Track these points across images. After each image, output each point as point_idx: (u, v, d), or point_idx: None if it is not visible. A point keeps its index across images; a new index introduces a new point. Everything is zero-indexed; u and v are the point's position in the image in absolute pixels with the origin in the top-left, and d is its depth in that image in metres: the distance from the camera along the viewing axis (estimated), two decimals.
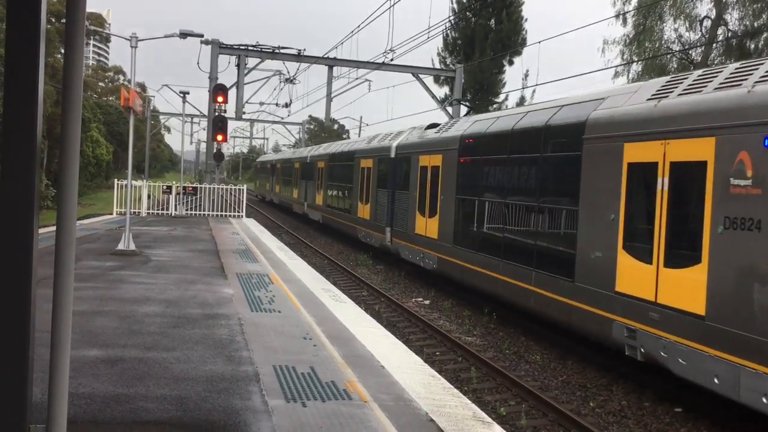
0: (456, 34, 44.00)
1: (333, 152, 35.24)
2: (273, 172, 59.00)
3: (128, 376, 7.43)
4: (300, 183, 44.09)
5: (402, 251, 22.79)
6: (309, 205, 40.44)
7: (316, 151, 41.57)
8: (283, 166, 53.30)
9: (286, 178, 51.04)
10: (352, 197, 29.66)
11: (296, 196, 45.06)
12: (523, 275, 14.32)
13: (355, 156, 29.35)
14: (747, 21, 30.49)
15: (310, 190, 40.21)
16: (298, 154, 48.99)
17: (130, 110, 17.66)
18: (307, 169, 41.63)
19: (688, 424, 10.09)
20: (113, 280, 13.42)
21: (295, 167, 46.78)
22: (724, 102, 9.46)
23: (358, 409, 6.74)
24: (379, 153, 25.91)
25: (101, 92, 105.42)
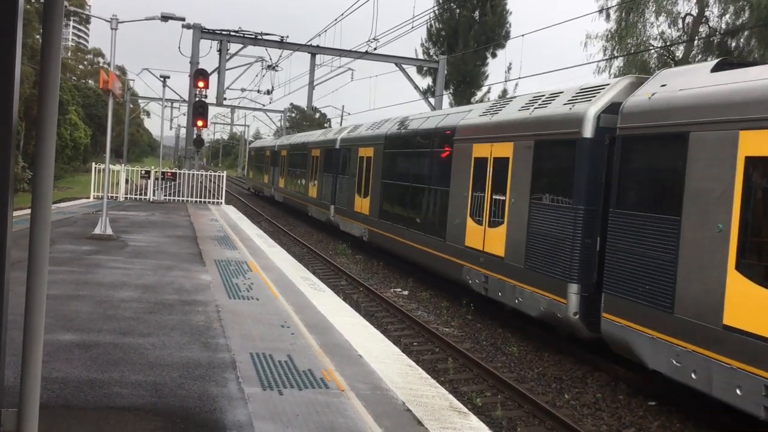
0: (440, 25, 43.94)
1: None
2: (275, 161, 46.84)
3: (103, 361, 7.35)
4: (319, 176, 32.69)
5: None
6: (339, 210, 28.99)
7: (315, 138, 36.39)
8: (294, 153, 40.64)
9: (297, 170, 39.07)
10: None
11: (315, 194, 32.84)
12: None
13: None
14: (728, 18, 30.73)
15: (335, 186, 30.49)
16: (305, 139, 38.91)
17: (109, 93, 17.45)
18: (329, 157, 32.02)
19: (661, 417, 10.20)
20: (89, 265, 13.28)
21: (312, 155, 34.79)
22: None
23: (334, 397, 6.72)
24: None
25: (80, 74, 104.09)
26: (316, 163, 32.84)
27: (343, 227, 27.51)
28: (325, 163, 30.70)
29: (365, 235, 24.31)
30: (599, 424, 9.98)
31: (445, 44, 43.07)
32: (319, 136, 34.96)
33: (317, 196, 31.80)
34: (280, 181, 43.82)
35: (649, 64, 30.95)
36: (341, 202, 27.61)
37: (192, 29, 32.32)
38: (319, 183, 31.73)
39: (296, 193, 37.60)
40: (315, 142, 34.22)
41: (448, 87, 42.60)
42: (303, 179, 35.91)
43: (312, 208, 33.23)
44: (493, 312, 15.91)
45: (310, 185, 34.02)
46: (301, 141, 38.87)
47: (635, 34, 31.32)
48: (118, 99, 20.00)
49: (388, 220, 22.01)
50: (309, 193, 33.86)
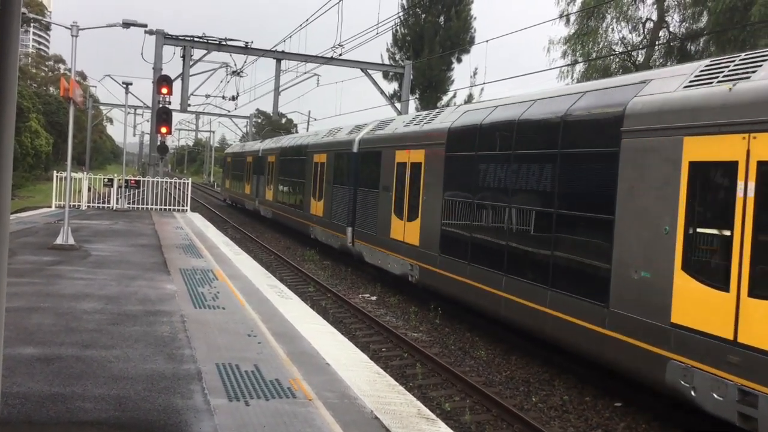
0: (405, 31, 44.10)
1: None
2: (263, 169, 38.67)
3: (65, 375, 7.21)
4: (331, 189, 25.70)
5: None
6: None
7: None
8: (286, 159, 33.39)
9: (290, 179, 32.39)
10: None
11: (320, 212, 26.43)
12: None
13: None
14: (687, 23, 31.32)
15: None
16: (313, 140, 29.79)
17: (70, 101, 17.16)
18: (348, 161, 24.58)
19: (627, 418, 10.31)
20: (51, 276, 13.03)
21: (315, 162, 27.80)
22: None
23: (302, 407, 6.67)
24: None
25: (41, 81, 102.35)
26: (320, 172, 26.54)
27: (370, 258, 20.69)
28: (335, 172, 24.68)
29: (413, 274, 17.31)
30: (566, 426, 10.06)
31: (411, 49, 43.24)
32: (323, 137, 27.81)
33: (324, 215, 25.58)
34: (267, 192, 36.99)
35: (611, 68, 31.41)
36: (367, 225, 20.86)
37: (155, 35, 31.97)
38: (327, 197, 25.41)
39: (292, 209, 30.88)
40: (318, 144, 27.52)
41: (414, 92, 42.78)
42: (301, 192, 29.43)
43: (317, 229, 26.59)
44: (462, 316, 15.97)
45: (312, 200, 27.49)
46: (296, 144, 31.93)
47: (596, 39, 31.76)
48: (80, 106, 19.68)
49: (460, 257, 15.01)
50: (311, 209, 27.36)
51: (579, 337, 11.00)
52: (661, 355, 9.19)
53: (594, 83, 13.19)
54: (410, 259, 17.51)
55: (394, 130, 19.83)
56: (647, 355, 9.44)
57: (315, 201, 27.11)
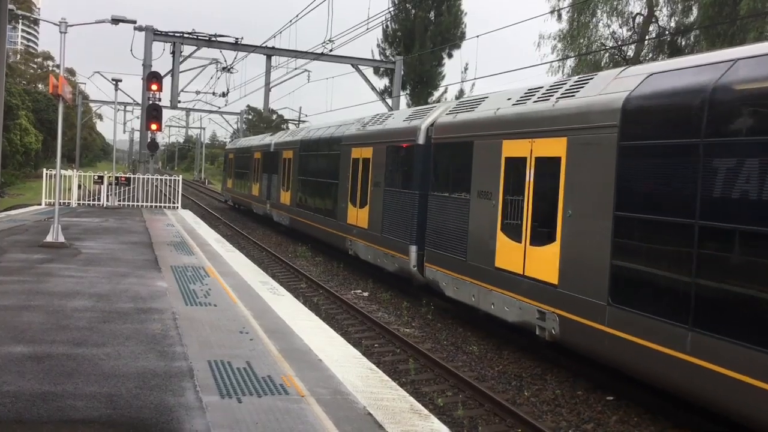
0: (396, 26, 44.02)
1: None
2: (275, 167, 33.32)
3: (56, 373, 7.18)
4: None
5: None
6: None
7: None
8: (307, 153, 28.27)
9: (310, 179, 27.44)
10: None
11: (367, 223, 20.65)
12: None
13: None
14: (677, 18, 31.40)
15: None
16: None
17: (59, 98, 17.06)
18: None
19: (619, 411, 10.35)
20: (41, 274, 12.96)
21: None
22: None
23: (294, 404, 6.66)
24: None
25: (30, 78, 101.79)
26: (362, 170, 20.99)
27: (454, 292, 15.03)
28: (388, 171, 19.13)
29: (546, 326, 11.65)
30: (559, 420, 10.09)
31: (402, 45, 43.16)
32: (366, 125, 21.86)
33: (371, 227, 19.96)
34: (282, 195, 31.47)
35: (601, 63, 31.48)
36: (448, 245, 15.29)
37: (144, 31, 31.82)
38: (374, 204, 19.83)
39: (319, 216, 25.31)
40: (359, 135, 21.76)
41: (405, 87, 42.71)
42: (332, 195, 23.98)
43: (358, 244, 20.98)
44: (454, 312, 16.00)
45: (350, 206, 21.81)
46: (323, 136, 25.99)
47: (587, 34, 31.82)
48: (69, 103, 19.58)
49: (666, 314, 9.33)
50: (349, 218, 21.76)
51: None
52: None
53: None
54: (540, 303, 11.82)
55: (495, 111, 13.90)
56: None
57: (354, 208, 21.41)
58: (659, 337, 9.09)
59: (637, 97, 10.10)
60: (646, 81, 10.26)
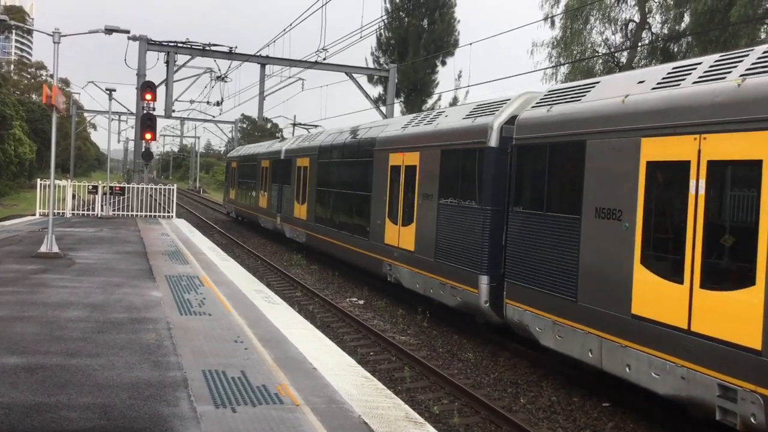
0: (389, 34, 44.15)
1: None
2: (287, 177, 29.85)
3: (49, 384, 7.14)
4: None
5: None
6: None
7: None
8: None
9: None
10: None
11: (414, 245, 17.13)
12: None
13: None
14: (669, 25, 31.56)
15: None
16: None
17: (52, 108, 17.04)
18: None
19: (615, 418, 10.35)
20: (35, 284, 12.92)
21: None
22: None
23: (289, 413, 6.64)
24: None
25: (24, 88, 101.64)
26: (403, 180, 17.46)
27: (561, 345, 11.30)
28: (443, 181, 15.56)
29: (743, 410, 7.97)
30: (555, 427, 10.08)
31: (395, 53, 43.28)
32: (405, 126, 18.33)
33: (418, 248, 16.45)
34: (295, 208, 27.77)
35: (594, 69, 31.60)
36: (546, 279, 11.73)
37: (138, 41, 31.84)
38: (422, 221, 16.37)
39: (346, 234, 21.67)
40: (398, 138, 18.19)
41: (399, 95, 42.81)
42: (362, 210, 20.42)
43: (400, 269, 17.32)
44: (450, 319, 15.98)
45: (387, 224, 18.30)
46: (348, 141, 22.45)
47: (580, 41, 31.96)
48: (62, 113, 19.55)
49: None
50: (388, 238, 18.15)
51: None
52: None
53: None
54: (725, 376, 8.27)
55: (622, 99, 10.36)
56: None
57: (395, 225, 17.89)
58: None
59: None
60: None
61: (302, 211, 27.03)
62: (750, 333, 7.87)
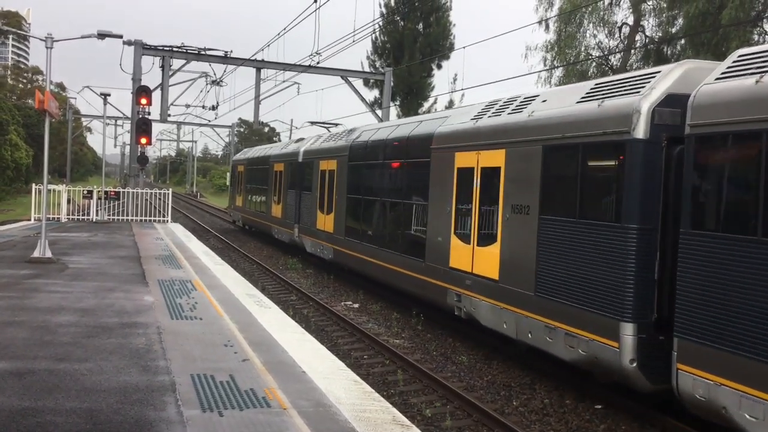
0: (385, 38, 44.18)
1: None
2: (308, 183, 26.19)
3: (37, 388, 7.12)
4: None
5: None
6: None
7: None
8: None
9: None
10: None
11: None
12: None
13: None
14: (663, 28, 31.62)
15: None
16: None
17: (45, 113, 17.03)
18: None
19: (607, 420, 10.33)
20: (27, 289, 12.89)
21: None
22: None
23: (276, 416, 6.62)
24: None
25: (20, 94, 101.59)
26: (489, 186, 13.34)
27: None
28: (555, 188, 11.58)
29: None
30: (547, 429, 10.06)
31: (391, 56, 43.30)
32: (494, 113, 13.93)
33: (508, 276, 12.55)
34: (318, 219, 23.97)
35: (589, 72, 31.66)
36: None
37: (133, 45, 31.84)
38: (510, 240, 12.54)
39: (391, 254, 17.57)
40: (485, 131, 13.70)
41: (395, 99, 42.83)
42: (415, 224, 16.57)
43: (481, 306, 13.31)
44: (444, 322, 15.96)
45: (453, 243, 14.48)
46: (395, 137, 18.36)
47: (574, 44, 32.02)
48: (55, 118, 19.52)
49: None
50: (458, 260, 14.22)
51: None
52: None
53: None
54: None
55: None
56: None
57: (465, 245, 14.01)
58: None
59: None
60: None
61: (328, 223, 23.04)
62: None
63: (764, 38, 26.43)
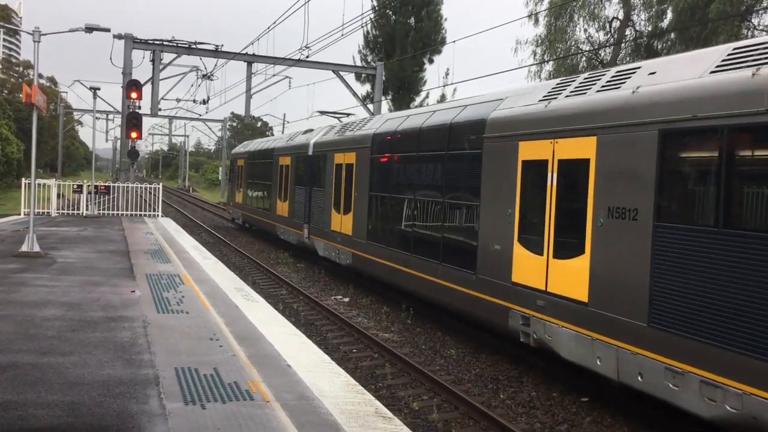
0: (376, 32, 44.12)
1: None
2: (320, 179, 23.59)
3: (19, 382, 7.10)
4: None
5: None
6: None
7: None
8: None
9: None
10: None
11: None
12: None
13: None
14: (652, 22, 31.67)
15: None
16: None
17: (33, 107, 16.94)
18: None
19: (593, 412, 10.37)
20: (13, 283, 12.84)
21: None
22: None
23: (259, 409, 6.62)
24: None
25: (11, 88, 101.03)
26: (583, 185, 10.32)
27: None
28: (742, 182, 8.01)
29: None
30: (533, 422, 10.09)
31: (383, 51, 43.27)
32: (567, 92, 11.36)
33: (640, 311, 9.09)
34: (336, 220, 21.25)
35: (579, 67, 31.68)
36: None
37: (123, 39, 31.70)
38: (677, 268, 8.58)
39: (446, 267, 14.28)
40: (564, 112, 10.91)
41: (387, 93, 42.80)
42: (472, 230, 13.45)
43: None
44: (433, 316, 15.98)
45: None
46: (439, 123, 15.31)
47: (564, 38, 32.03)
48: (43, 112, 19.43)
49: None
50: (542, 278, 11.13)
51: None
52: None
53: None
54: None
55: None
56: None
57: (536, 256, 11.42)
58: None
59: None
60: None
61: (345, 224, 20.47)
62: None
63: (753, 33, 26.49)
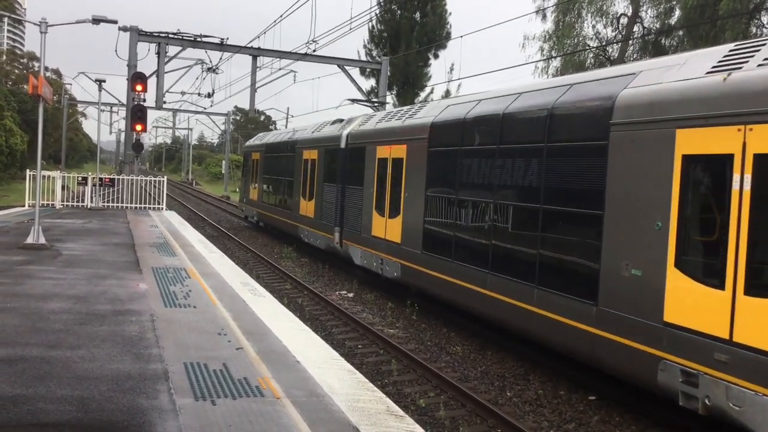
0: (382, 27, 43.99)
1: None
2: (353, 176, 20.93)
3: (28, 376, 7.07)
4: None
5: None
6: None
7: None
8: None
9: None
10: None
11: None
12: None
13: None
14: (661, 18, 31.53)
15: None
16: None
17: (39, 98, 16.90)
18: None
19: (601, 411, 10.33)
20: (19, 276, 12.81)
21: None
22: None
23: (269, 406, 6.59)
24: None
25: (15, 79, 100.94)
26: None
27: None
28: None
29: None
30: (540, 420, 10.06)
31: (388, 46, 43.14)
32: (761, 61, 8.06)
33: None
34: (379, 223, 18.44)
35: (586, 63, 31.57)
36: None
37: (129, 31, 31.62)
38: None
39: (531, 288, 11.49)
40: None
41: (392, 88, 42.69)
42: (593, 248, 10.23)
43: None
44: (438, 312, 15.94)
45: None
46: (519, 112, 12.49)
47: (572, 34, 31.92)
48: (49, 104, 19.38)
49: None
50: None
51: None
52: None
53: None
54: None
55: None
56: None
57: (712, 290, 8.12)
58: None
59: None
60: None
61: (392, 230, 17.55)
62: None
63: (761, 30, 26.37)
